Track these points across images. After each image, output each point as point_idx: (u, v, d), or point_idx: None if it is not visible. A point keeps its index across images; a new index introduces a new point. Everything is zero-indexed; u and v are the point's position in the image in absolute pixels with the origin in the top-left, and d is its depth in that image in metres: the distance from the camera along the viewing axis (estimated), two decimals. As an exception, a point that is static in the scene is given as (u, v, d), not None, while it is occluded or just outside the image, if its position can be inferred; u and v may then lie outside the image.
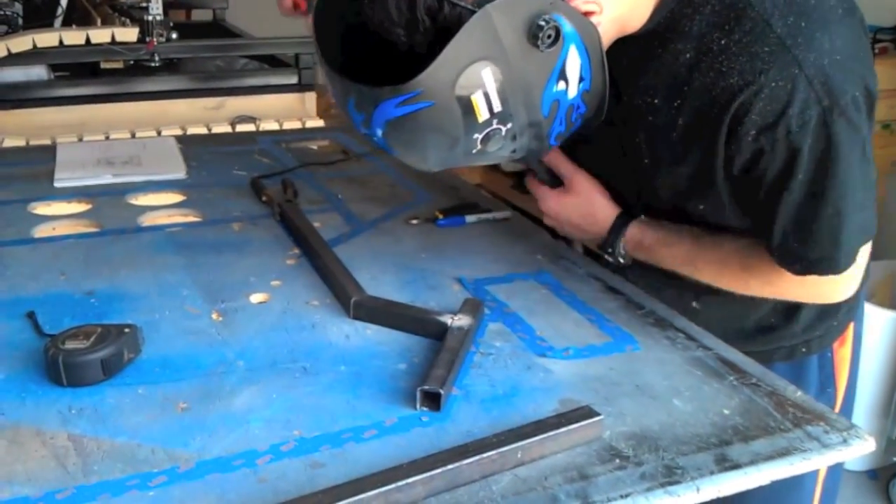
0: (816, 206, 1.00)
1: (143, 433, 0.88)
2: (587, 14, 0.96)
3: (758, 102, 0.97)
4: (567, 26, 0.92)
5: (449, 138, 0.95)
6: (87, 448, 0.86)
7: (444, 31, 0.90)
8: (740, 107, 0.98)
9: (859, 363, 1.33)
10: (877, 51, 2.93)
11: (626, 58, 1.06)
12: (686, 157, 1.07)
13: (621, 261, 1.22)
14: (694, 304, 1.21)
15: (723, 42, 0.99)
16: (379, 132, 0.97)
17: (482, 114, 0.92)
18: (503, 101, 0.92)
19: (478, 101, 0.91)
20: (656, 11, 1.02)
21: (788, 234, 1.03)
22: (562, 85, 0.96)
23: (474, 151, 0.97)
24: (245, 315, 1.14)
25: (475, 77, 0.90)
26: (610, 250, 1.22)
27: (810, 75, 0.95)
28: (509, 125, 0.95)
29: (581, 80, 0.97)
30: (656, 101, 1.06)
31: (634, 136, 1.12)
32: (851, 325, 1.29)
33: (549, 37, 0.91)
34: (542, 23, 0.90)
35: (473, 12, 0.88)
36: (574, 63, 0.95)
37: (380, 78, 0.94)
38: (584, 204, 1.24)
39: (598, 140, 1.16)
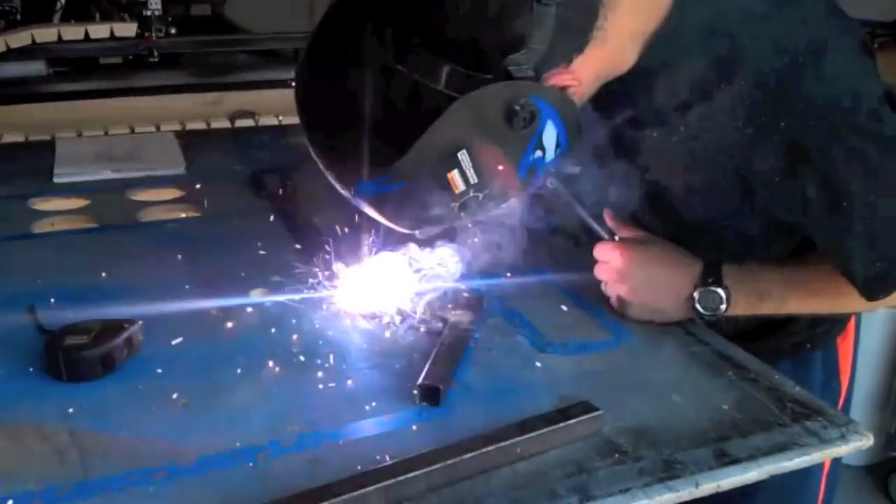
0: (880, 219, 0.98)
1: (144, 428, 0.89)
2: (565, 88, 0.96)
3: (770, 147, 0.97)
4: (544, 105, 0.93)
5: (427, 209, 0.97)
6: (88, 443, 0.86)
7: (421, 112, 0.91)
8: (754, 155, 0.98)
9: (858, 356, 1.33)
10: (875, 45, 2.92)
11: (618, 88, 1.05)
12: (692, 188, 1.08)
13: (722, 296, 1.07)
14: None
15: (721, 86, 0.98)
16: (360, 203, 1.00)
17: (459, 187, 0.94)
18: (479, 175, 0.94)
19: (454, 177, 0.94)
20: (644, 56, 1.02)
21: (867, 263, 1.00)
22: (538, 153, 0.97)
23: (451, 217, 0.99)
24: (244, 310, 1.13)
25: (451, 159, 0.92)
26: (710, 284, 1.08)
27: (818, 107, 0.94)
28: (486, 191, 0.96)
29: (558, 146, 0.98)
30: (655, 133, 1.07)
31: (639, 161, 1.12)
32: (853, 320, 1.30)
33: (524, 119, 0.92)
34: (518, 107, 0.91)
35: (450, 98, 0.90)
36: (551, 134, 0.96)
37: (364, 138, 0.96)
38: (664, 252, 1.13)
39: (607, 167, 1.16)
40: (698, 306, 1.08)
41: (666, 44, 1.00)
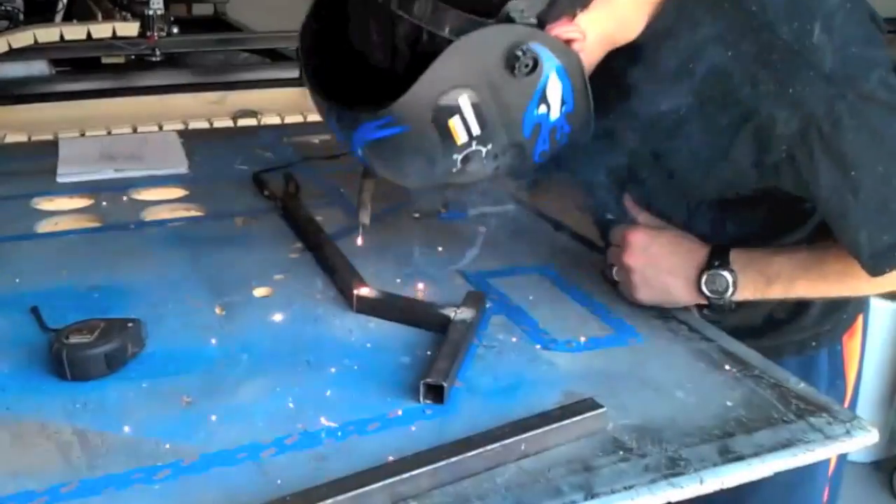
0: (886, 191, 0.97)
1: (148, 427, 0.89)
2: (569, 42, 0.96)
3: (780, 113, 0.96)
4: (546, 55, 0.93)
5: (427, 160, 0.96)
6: (92, 442, 0.86)
7: (423, 58, 0.91)
8: (762, 123, 0.97)
9: (865, 354, 1.33)
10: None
11: (622, 64, 1.05)
12: (696, 167, 1.07)
13: (729, 279, 1.07)
14: (705, 311, 1.16)
15: (729, 54, 0.97)
16: (359, 151, 0.99)
17: (460, 137, 0.93)
18: (482, 125, 0.93)
19: (455, 125, 0.93)
20: (652, 23, 1.01)
21: (874, 235, 0.98)
22: (543, 108, 0.96)
23: (454, 171, 0.97)
24: (248, 309, 1.14)
25: (452, 103, 0.91)
26: (717, 267, 1.08)
27: (827, 73, 0.93)
28: (489, 146, 0.95)
29: (563, 103, 0.97)
30: (662, 107, 1.05)
31: (647, 143, 1.11)
32: (860, 318, 1.29)
33: (526, 66, 0.91)
34: (520, 53, 0.90)
35: (451, 42, 0.90)
36: (555, 88, 0.95)
37: (366, 94, 0.95)
38: (675, 236, 1.13)
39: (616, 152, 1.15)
40: (705, 288, 1.08)
41: (673, 10, 0.99)
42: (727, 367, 1.02)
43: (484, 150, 0.95)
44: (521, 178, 1.15)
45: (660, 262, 1.12)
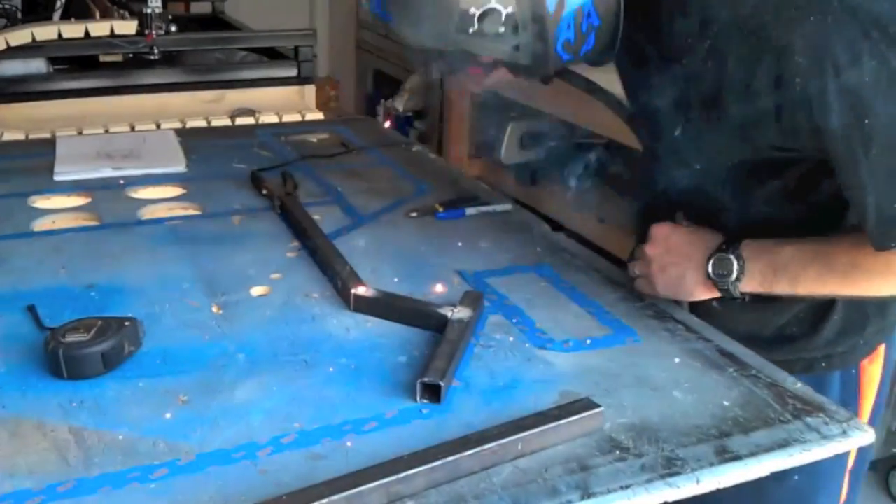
0: None
1: (144, 426, 0.89)
2: None
3: (798, 41, 0.91)
4: None
5: (443, 7, 0.93)
6: (88, 441, 0.86)
7: None
8: (780, 51, 0.93)
9: (888, 384, 1.25)
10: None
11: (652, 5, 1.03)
12: (725, 111, 1.02)
13: (735, 263, 1.07)
14: (714, 303, 1.15)
15: None
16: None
17: None
18: None
19: None
20: None
21: (884, 202, 0.93)
22: None
23: (471, 31, 0.94)
24: (245, 308, 1.14)
25: None
26: (725, 251, 1.08)
27: (853, 7, 0.89)
28: (510, 9, 0.92)
29: None
30: (689, 40, 1.01)
31: (672, 78, 1.07)
32: (882, 347, 1.22)
33: None
34: None
35: None
36: None
37: None
38: (694, 230, 1.13)
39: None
40: (711, 271, 1.08)
41: None
42: (724, 366, 1.02)
43: (504, 11, 0.92)
44: (540, 74, 1.08)
45: (677, 250, 1.12)
